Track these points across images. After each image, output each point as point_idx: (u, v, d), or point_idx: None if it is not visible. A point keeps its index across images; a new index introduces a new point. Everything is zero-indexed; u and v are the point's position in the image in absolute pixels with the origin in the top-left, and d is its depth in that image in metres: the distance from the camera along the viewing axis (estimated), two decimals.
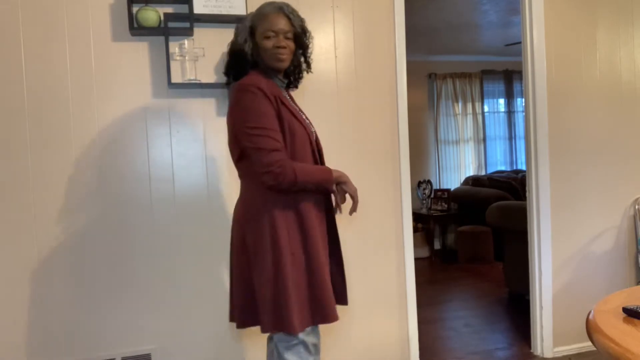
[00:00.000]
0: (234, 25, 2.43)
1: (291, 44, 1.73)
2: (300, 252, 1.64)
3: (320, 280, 1.64)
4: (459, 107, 6.98)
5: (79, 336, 2.27)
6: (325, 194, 1.76)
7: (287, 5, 1.73)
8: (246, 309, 1.70)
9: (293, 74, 1.86)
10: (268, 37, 1.69)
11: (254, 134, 1.59)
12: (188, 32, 2.33)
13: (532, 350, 2.99)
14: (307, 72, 1.88)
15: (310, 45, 1.83)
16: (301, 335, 1.65)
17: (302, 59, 1.83)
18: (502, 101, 7.29)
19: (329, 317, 1.64)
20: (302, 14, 2.53)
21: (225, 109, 2.44)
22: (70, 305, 2.26)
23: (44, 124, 2.22)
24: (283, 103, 1.67)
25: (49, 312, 2.24)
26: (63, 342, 2.25)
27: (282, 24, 1.69)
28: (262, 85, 1.62)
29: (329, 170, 1.69)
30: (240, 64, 1.74)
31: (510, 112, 7.30)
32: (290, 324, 1.59)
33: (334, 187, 1.74)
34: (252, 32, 1.73)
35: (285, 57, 1.71)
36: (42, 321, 2.23)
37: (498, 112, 7.29)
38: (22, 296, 2.21)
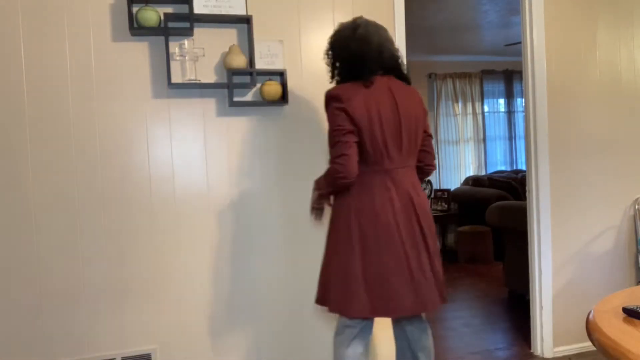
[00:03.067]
0: (234, 25, 2.44)
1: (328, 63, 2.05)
2: None
3: None
4: (459, 107, 6.98)
5: (79, 336, 2.27)
6: None
7: None
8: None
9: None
10: None
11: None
12: (188, 32, 2.33)
13: (532, 350, 2.99)
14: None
15: (331, 55, 2.00)
16: None
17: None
18: (502, 101, 7.29)
19: None
20: (302, 15, 2.54)
21: (225, 109, 2.44)
22: (70, 305, 2.26)
23: (44, 124, 2.22)
24: None
25: (49, 312, 2.24)
26: (63, 342, 2.25)
27: None
28: None
29: None
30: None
31: (510, 112, 7.30)
32: None
33: None
34: None
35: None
36: (42, 321, 2.23)
37: (498, 112, 7.29)
38: (21, 296, 2.21)
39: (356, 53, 1.87)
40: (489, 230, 5.44)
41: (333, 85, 1.98)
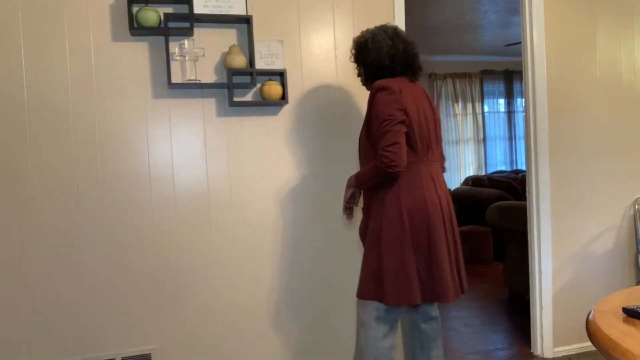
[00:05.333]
0: (234, 25, 2.44)
1: (357, 71, 2.14)
2: None
3: None
4: (459, 107, 6.98)
5: (79, 336, 2.27)
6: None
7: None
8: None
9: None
10: None
11: None
12: (188, 32, 2.33)
13: (532, 350, 2.99)
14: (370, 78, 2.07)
15: (364, 58, 2.03)
16: None
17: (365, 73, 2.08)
18: (502, 101, 7.29)
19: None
20: (302, 15, 2.53)
21: (225, 109, 2.44)
22: (70, 305, 2.26)
23: (44, 124, 2.22)
24: None
25: (49, 312, 2.24)
26: (63, 342, 2.25)
27: None
28: None
29: None
30: None
31: (510, 112, 7.30)
32: None
33: None
34: None
35: (362, 83, 2.15)
36: (42, 321, 2.23)
37: (498, 112, 7.29)
38: (21, 296, 2.21)
39: (407, 50, 2.00)
40: (489, 230, 5.43)
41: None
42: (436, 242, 1.90)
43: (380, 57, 1.98)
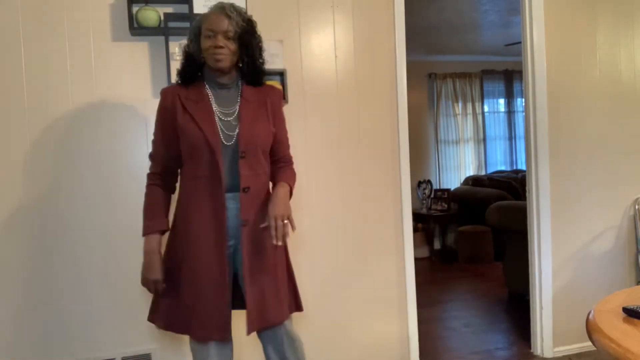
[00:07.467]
0: None
1: (231, 44, 1.67)
2: None
3: None
4: (459, 107, 6.98)
5: (79, 336, 2.27)
6: None
7: (231, 5, 1.70)
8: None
9: (248, 73, 1.77)
10: (207, 37, 1.67)
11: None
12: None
13: (532, 350, 2.99)
14: (260, 70, 1.78)
15: (257, 44, 1.75)
16: None
17: (247, 58, 1.73)
18: (502, 101, 7.28)
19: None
20: (302, 15, 2.53)
21: None
22: (70, 305, 2.26)
23: (44, 124, 2.21)
24: (185, 107, 1.70)
25: (49, 312, 2.23)
26: (63, 342, 2.25)
27: (221, 23, 1.66)
28: (167, 91, 1.74)
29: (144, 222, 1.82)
30: (191, 65, 1.75)
31: (510, 112, 7.30)
32: None
33: None
34: (198, 32, 1.72)
35: (223, 57, 1.67)
36: (41, 321, 2.23)
37: (498, 112, 7.29)
38: (21, 296, 2.21)
39: None
40: (489, 230, 5.43)
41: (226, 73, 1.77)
42: None
43: (261, 52, 1.77)
